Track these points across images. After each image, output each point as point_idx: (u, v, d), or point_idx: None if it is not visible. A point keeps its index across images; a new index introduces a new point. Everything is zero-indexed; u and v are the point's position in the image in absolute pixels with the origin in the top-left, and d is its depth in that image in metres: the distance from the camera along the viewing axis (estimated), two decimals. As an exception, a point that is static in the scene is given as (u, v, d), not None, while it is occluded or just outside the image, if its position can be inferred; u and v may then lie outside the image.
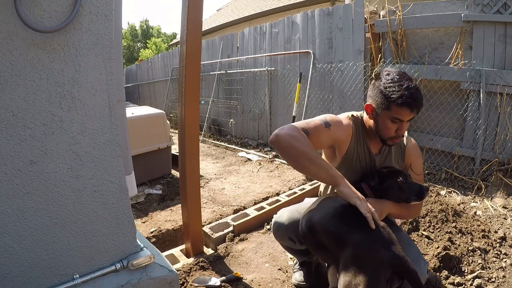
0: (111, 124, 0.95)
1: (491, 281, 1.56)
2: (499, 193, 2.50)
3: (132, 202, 2.74)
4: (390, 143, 1.25)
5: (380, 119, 1.22)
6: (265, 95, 4.65)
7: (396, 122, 1.18)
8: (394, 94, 1.14)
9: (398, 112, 1.15)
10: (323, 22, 3.70)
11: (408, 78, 1.17)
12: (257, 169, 3.72)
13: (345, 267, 0.95)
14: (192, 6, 1.47)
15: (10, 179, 0.80)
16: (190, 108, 1.62)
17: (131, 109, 3.34)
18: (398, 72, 1.19)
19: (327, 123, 1.23)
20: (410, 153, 1.38)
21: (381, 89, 1.18)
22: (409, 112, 1.14)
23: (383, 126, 1.21)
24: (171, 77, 7.26)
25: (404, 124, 1.19)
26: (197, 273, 1.69)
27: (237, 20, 9.36)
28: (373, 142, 1.33)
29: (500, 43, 2.58)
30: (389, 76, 1.18)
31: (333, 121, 1.25)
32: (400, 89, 1.13)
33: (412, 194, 1.22)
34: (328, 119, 1.26)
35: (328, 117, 1.27)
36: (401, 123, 1.18)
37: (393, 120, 1.18)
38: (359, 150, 1.32)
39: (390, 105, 1.15)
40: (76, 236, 0.94)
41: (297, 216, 1.36)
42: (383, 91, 1.17)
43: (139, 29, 26.13)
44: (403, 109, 1.13)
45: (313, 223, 1.14)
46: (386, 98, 1.16)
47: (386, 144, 1.26)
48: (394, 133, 1.20)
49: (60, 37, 0.82)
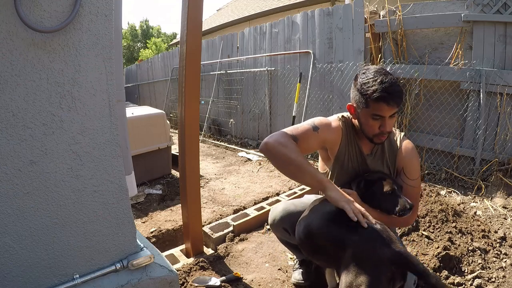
0: (111, 124, 0.95)
1: (491, 281, 1.56)
2: (499, 193, 2.50)
3: (132, 202, 2.74)
4: (377, 141, 1.23)
5: (362, 118, 1.21)
6: (265, 95, 4.65)
7: (377, 118, 1.16)
8: (369, 90, 1.14)
9: (376, 108, 1.14)
10: (323, 22, 3.70)
11: (384, 73, 1.16)
12: (257, 169, 3.72)
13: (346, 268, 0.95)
14: (192, 6, 1.47)
15: (10, 179, 0.80)
16: (190, 108, 1.62)
17: (131, 109, 3.34)
18: (375, 69, 1.18)
19: (315, 126, 1.24)
20: (402, 156, 1.31)
21: (358, 88, 1.19)
22: (387, 106, 1.12)
23: (366, 124, 1.21)
24: (171, 77, 7.26)
25: (386, 120, 1.16)
26: (197, 273, 1.69)
27: (237, 20, 9.36)
28: (365, 142, 1.32)
29: (500, 43, 2.58)
30: (365, 74, 1.18)
31: (321, 124, 1.26)
32: (374, 84, 1.13)
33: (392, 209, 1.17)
34: (317, 122, 1.26)
35: (317, 120, 1.28)
36: (383, 119, 1.16)
37: (373, 117, 1.17)
38: (350, 151, 1.32)
39: (367, 102, 1.15)
40: (76, 236, 0.94)
41: (292, 208, 1.39)
42: (359, 89, 1.18)
43: (139, 29, 26.13)
44: (380, 104, 1.13)
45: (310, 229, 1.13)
46: (362, 96, 1.16)
47: (373, 142, 1.25)
48: (378, 130, 1.19)
49: (60, 37, 0.82)
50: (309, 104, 3.92)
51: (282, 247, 1.93)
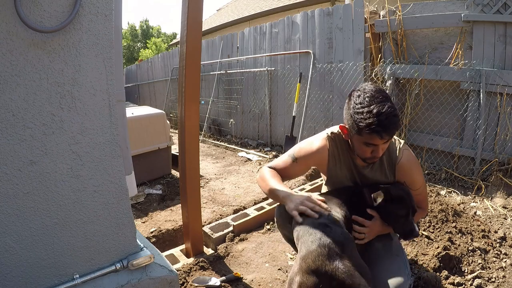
0: (111, 124, 0.95)
1: (491, 281, 1.56)
2: (499, 193, 2.50)
3: (132, 202, 2.74)
4: (369, 162, 1.23)
5: (354, 142, 1.20)
6: (265, 95, 4.64)
7: (369, 146, 1.15)
8: (362, 122, 1.09)
9: (369, 138, 1.12)
10: (323, 22, 3.70)
11: (380, 100, 1.09)
12: (257, 169, 3.71)
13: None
14: (192, 6, 1.47)
15: (10, 179, 0.80)
16: (190, 108, 1.62)
17: (131, 109, 3.33)
18: (371, 93, 1.11)
19: (294, 158, 1.35)
20: (402, 170, 1.29)
21: (351, 114, 1.15)
22: (380, 139, 1.09)
23: (358, 148, 1.20)
24: (171, 77, 7.26)
25: (380, 147, 1.14)
26: (197, 273, 1.69)
27: (237, 20, 9.36)
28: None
29: (500, 43, 2.58)
30: (359, 98, 1.13)
31: (300, 154, 1.34)
32: (369, 116, 1.08)
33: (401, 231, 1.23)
34: (296, 152, 1.35)
35: (296, 150, 1.35)
36: (376, 146, 1.14)
37: (366, 144, 1.15)
38: (343, 167, 1.33)
39: (360, 131, 1.12)
40: (76, 236, 0.94)
41: None
42: (353, 116, 1.13)
43: (139, 29, 26.15)
44: (373, 136, 1.09)
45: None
46: (355, 124, 1.13)
47: (366, 162, 1.24)
48: (370, 155, 1.18)
49: (60, 37, 0.82)
50: (309, 104, 3.92)
51: (282, 247, 1.93)
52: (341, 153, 1.33)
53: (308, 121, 4.00)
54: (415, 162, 1.32)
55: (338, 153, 1.33)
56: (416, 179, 1.31)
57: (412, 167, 1.30)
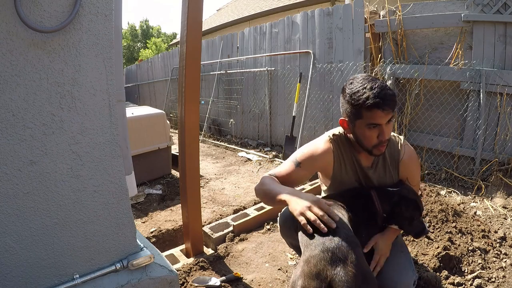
0: (111, 124, 0.95)
1: (491, 281, 1.56)
2: (499, 193, 2.50)
3: (132, 202, 2.74)
4: (376, 153, 1.18)
5: (357, 130, 1.16)
6: (265, 95, 4.64)
7: (373, 127, 1.12)
8: (360, 99, 1.09)
9: (371, 116, 1.09)
10: (323, 22, 3.70)
11: (372, 79, 1.12)
12: (257, 169, 3.72)
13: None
14: (192, 6, 1.47)
15: (10, 179, 0.80)
16: (190, 109, 1.62)
17: (131, 109, 3.34)
18: (362, 77, 1.14)
19: (297, 162, 1.27)
20: (406, 168, 1.30)
21: (347, 99, 1.15)
22: (382, 112, 1.08)
23: (363, 136, 1.16)
24: (171, 77, 7.26)
25: (384, 128, 1.12)
26: (197, 273, 1.69)
27: (237, 20, 9.36)
28: (364, 155, 1.28)
29: (500, 43, 2.58)
30: (352, 84, 1.14)
31: (303, 158, 1.27)
32: (364, 92, 1.09)
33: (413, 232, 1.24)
34: (299, 157, 1.27)
35: (299, 155, 1.28)
36: (380, 127, 1.11)
37: (369, 126, 1.12)
38: (348, 169, 1.29)
39: (360, 112, 1.11)
40: (76, 236, 0.94)
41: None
42: (350, 100, 1.13)
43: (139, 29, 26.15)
44: (374, 111, 1.08)
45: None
46: (354, 106, 1.12)
47: (373, 154, 1.19)
48: (377, 140, 1.14)
49: (60, 37, 0.82)
50: (309, 104, 3.92)
51: (282, 247, 1.93)
52: (345, 155, 1.29)
53: (308, 121, 4.00)
54: (415, 158, 1.33)
55: (342, 155, 1.29)
56: (416, 174, 1.33)
57: (414, 163, 1.31)
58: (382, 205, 1.21)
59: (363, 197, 1.24)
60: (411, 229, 1.24)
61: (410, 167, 1.30)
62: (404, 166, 1.30)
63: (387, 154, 1.29)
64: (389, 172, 1.31)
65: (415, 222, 1.22)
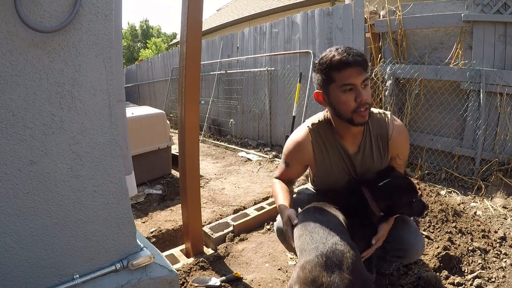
0: (111, 124, 0.95)
1: (491, 281, 1.56)
2: (499, 193, 2.50)
3: (132, 202, 2.74)
4: (359, 120, 1.11)
5: (333, 97, 1.12)
6: (265, 95, 4.64)
7: (348, 90, 1.08)
8: (327, 60, 1.09)
9: (342, 77, 1.07)
10: (323, 22, 3.70)
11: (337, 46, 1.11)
12: (257, 169, 3.72)
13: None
14: (192, 6, 1.47)
15: (10, 179, 0.80)
16: (190, 109, 1.62)
17: (131, 109, 3.34)
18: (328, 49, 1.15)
19: (286, 163, 1.35)
20: (396, 144, 1.26)
21: (317, 69, 1.15)
22: (351, 69, 1.05)
23: (339, 102, 1.11)
24: (171, 77, 7.26)
25: (359, 88, 1.07)
26: (197, 273, 1.69)
27: (237, 20, 9.36)
28: (348, 140, 1.25)
29: (500, 43, 2.58)
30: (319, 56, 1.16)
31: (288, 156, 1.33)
32: (330, 53, 1.09)
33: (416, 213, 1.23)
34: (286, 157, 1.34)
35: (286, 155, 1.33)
36: (355, 88, 1.07)
37: (343, 89, 1.08)
38: (332, 157, 1.27)
39: (330, 75, 1.09)
40: (76, 236, 0.94)
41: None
42: (319, 68, 1.13)
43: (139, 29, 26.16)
44: (343, 70, 1.06)
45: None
46: (323, 72, 1.11)
47: (355, 123, 1.12)
48: (355, 103, 1.08)
49: (60, 37, 0.82)
50: (309, 104, 3.92)
51: (282, 247, 1.93)
52: (327, 143, 1.26)
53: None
54: (405, 132, 1.30)
55: (324, 144, 1.26)
56: (406, 148, 1.32)
57: (403, 138, 1.29)
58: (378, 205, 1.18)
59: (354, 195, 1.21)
60: (412, 212, 1.22)
61: (400, 142, 1.27)
62: (394, 143, 1.26)
63: (375, 135, 1.25)
64: (378, 153, 1.26)
65: (414, 204, 1.19)
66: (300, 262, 0.94)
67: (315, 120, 1.30)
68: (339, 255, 0.88)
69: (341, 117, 1.15)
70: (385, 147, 1.26)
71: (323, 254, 0.89)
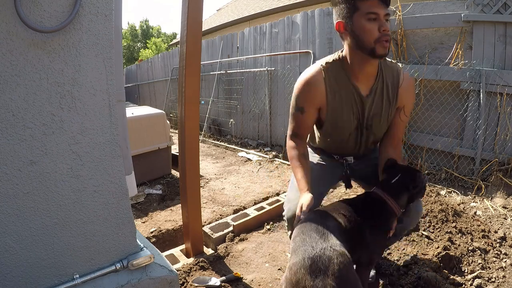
0: (111, 124, 0.95)
1: (491, 281, 1.56)
2: (499, 193, 2.50)
3: (132, 202, 2.74)
4: (380, 51, 1.10)
5: (356, 26, 1.11)
6: (265, 95, 4.64)
7: (373, 19, 1.08)
8: None
9: (368, 5, 1.07)
10: (323, 22, 3.70)
11: None
12: (257, 169, 3.72)
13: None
14: (192, 6, 1.47)
15: (10, 179, 0.80)
16: (190, 109, 1.62)
17: (131, 109, 3.34)
18: None
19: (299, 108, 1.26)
20: (404, 94, 1.27)
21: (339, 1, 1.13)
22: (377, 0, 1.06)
23: (363, 31, 1.09)
24: (171, 77, 7.25)
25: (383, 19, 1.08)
26: (197, 273, 1.69)
27: (237, 20, 9.36)
28: (362, 81, 1.22)
29: (500, 43, 2.57)
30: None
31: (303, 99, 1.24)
32: None
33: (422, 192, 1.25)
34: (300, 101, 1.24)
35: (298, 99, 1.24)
36: (379, 17, 1.08)
37: (368, 18, 1.08)
38: (344, 98, 1.23)
39: (356, 3, 1.08)
40: (76, 236, 0.94)
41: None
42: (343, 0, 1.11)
43: (139, 29, 26.18)
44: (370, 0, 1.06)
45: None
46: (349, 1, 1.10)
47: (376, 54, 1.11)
48: (378, 33, 1.08)
49: (60, 37, 0.82)
50: (309, 104, 3.91)
51: (282, 247, 1.93)
52: (341, 83, 1.22)
53: (308, 121, 3.99)
54: (413, 86, 1.32)
55: (337, 83, 1.22)
56: (411, 102, 1.33)
57: (411, 91, 1.30)
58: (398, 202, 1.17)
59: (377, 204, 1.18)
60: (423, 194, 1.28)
61: (408, 93, 1.29)
62: (403, 92, 1.27)
63: (387, 81, 1.25)
64: (387, 100, 1.26)
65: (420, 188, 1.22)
66: (289, 263, 0.94)
67: (328, 59, 1.25)
68: (326, 260, 0.86)
69: (364, 46, 1.13)
70: (394, 94, 1.27)
71: (310, 257, 0.88)
